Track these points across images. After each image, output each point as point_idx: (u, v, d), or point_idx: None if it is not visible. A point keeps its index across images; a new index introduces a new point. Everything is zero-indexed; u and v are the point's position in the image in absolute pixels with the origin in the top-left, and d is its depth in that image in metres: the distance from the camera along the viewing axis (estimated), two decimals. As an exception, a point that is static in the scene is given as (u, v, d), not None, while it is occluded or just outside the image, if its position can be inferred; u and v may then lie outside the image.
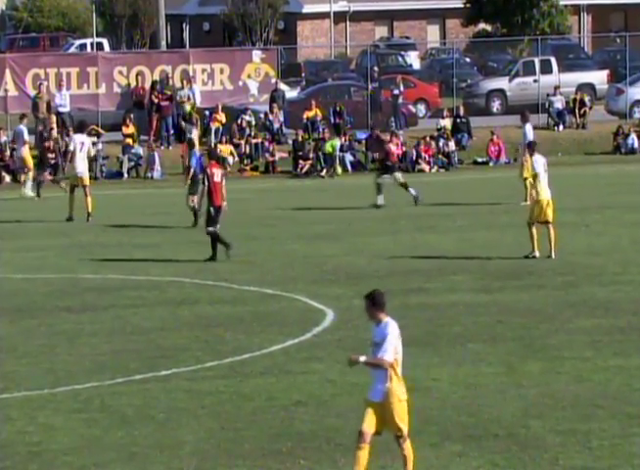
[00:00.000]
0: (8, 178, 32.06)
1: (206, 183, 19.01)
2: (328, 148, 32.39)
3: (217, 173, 19.21)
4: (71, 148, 24.56)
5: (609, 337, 13.74)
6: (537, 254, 18.42)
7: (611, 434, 10.35)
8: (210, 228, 19.00)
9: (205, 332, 14.42)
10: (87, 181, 23.98)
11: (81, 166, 24.00)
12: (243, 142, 33.80)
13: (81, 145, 24.29)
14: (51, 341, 14.19)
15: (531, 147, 19.72)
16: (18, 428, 10.94)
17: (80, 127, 26.05)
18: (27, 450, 10.34)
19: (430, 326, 14.45)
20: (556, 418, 10.79)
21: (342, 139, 33.72)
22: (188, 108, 34.15)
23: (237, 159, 33.51)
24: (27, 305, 16.29)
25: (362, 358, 8.87)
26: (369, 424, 8.86)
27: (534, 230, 18.45)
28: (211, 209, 19.06)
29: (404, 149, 33.60)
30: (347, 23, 54.87)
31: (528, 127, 25.59)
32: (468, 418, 10.85)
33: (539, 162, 18.93)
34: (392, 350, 8.88)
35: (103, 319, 15.25)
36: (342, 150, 33.63)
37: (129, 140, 33.36)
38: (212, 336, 14.21)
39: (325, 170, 32.23)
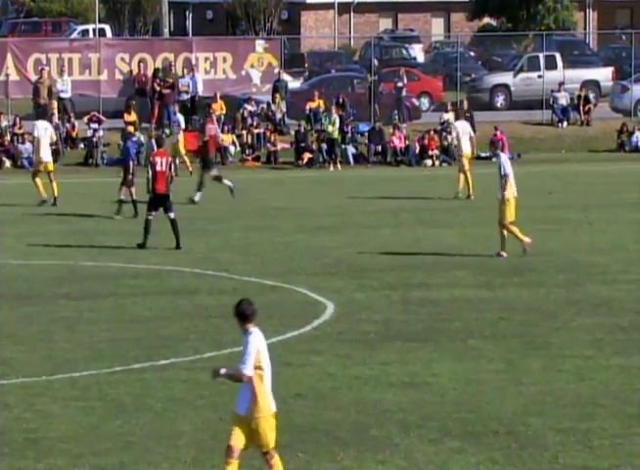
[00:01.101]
0: (8, 163, 31.98)
1: (150, 171, 19.18)
2: (329, 127, 32.06)
3: (161, 161, 19.27)
4: (35, 134, 24.58)
5: (610, 335, 13.68)
6: (505, 254, 18.20)
7: (611, 433, 10.31)
8: (152, 213, 19.11)
9: (204, 322, 14.36)
10: (51, 167, 24.20)
11: (45, 153, 24.19)
12: (245, 132, 33.72)
13: (44, 131, 24.35)
14: (49, 328, 14.13)
15: (498, 147, 19.58)
16: (15, 415, 10.89)
17: (43, 114, 26.11)
18: (24, 437, 10.29)
19: (430, 321, 14.39)
20: (556, 416, 10.74)
21: (345, 130, 33.60)
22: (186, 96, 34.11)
23: (238, 148, 33.43)
24: (26, 291, 16.23)
25: (222, 371, 8.46)
26: (237, 438, 8.43)
27: (513, 228, 18.19)
28: (152, 195, 19.24)
29: (407, 142, 33.53)
30: (352, 14, 54.75)
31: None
32: (468, 414, 10.80)
33: (508, 160, 18.75)
34: (252, 362, 8.38)
35: (102, 307, 15.19)
36: (344, 142, 33.53)
37: (131, 128, 33.25)
38: (212, 326, 14.15)
39: (331, 164, 32.05)
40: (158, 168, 19.16)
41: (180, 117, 30.38)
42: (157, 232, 19.50)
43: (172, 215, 19.14)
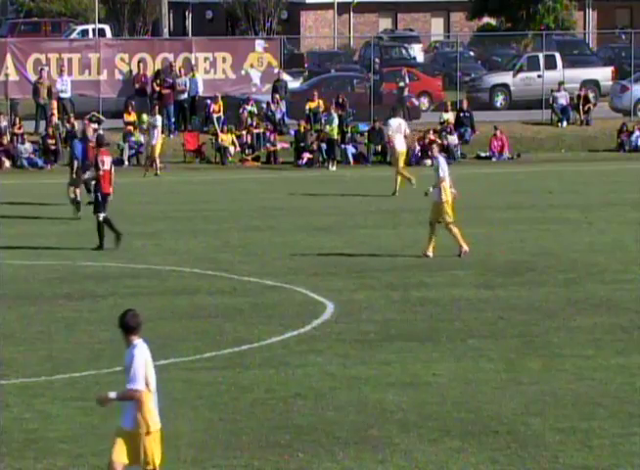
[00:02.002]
0: (8, 163, 31.98)
1: (95, 171, 19.27)
2: (328, 127, 32.07)
3: (107, 161, 19.32)
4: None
5: (610, 335, 13.68)
6: (462, 250, 18.01)
7: (611, 433, 10.30)
8: (101, 214, 19.14)
9: (204, 322, 14.36)
10: None
11: None
12: (244, 132, 33.72)
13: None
14: (49, 328, 14.13)
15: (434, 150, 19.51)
16: (14, 415, 10.89)
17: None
18: (24, 438, 10.29)
19: (430, 321, 14.39)
20: (556, 416, 10.74)
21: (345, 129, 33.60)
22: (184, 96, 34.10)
23: (238, 148, 33.43)
24: (26, 291, 16.22)
25: (112, 395, 8.19)
26: (118, 453, 8.07)
27: (455, 230, 18.05)
28: (99, 195, 19.28)
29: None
30: (351, 14, 54.74)
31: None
32: (467, 414, 10.79)
33: (445, 164, 18.51)
34: (142, 376, 8.14)
35: (102, 307, 15.18)
36: (343, 141, 33.53)
37: (130, 127, 33.26)
38: (211, 326, 14.15)
39: (330, 163, 32.04)
40: (105, 167, 19.15)
41: (158, 118, 30.21)
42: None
43: (102, 217, 19.06)
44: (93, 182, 20.04)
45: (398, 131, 26.52)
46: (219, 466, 9.62)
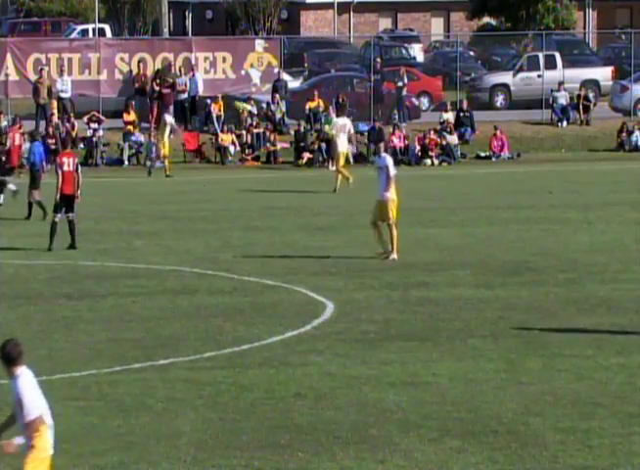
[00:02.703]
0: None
1: (58, 172, 19.24)
2: (327, 127, 32.11)
3: (68, 162, 19.29)
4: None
5: (610, 335, 13.67)
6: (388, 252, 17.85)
7: (611, 432, 10.30)
8: (56, 218, 19.13)
9: (204, 322, 14.36)
10: None
11: None
12: (244, 132, 33.72)
13: None
14: (49, 328, 14.13)
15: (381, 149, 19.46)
16: (14, 415, 10.87)
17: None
18: (24, 438, 10.27)
19: (430, 321, 14.38)
20: (556, 416, 10.73)
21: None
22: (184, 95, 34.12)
23: (238, 148, 33.43)
24: (26, 291, 16.22)
25: (18, 440, 7.72)
26: None
27: (394, 233, 17.96)
28: (57, 196, 19.28)
29: (407, 142, 33.52)
30: (351, 13, 54.74)
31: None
32: (467, 414, 10.79)
33: (392, 162, 18.50)
34: (34, 404, 7.74)
35: (101, 307, 15.18)
36: (343, 141, 33.49)
37: (130, 127, 33.27)
38: (211, 326, 14.14)
39: (330, 163, 32.07)
40: (65, 169, 19.13)
41: (170, 119, 30.31)
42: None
43: (72, 217, 19.04)
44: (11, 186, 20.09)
45: (342, 131, 26.80)
46: (219, 466, 9.62)
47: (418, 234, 20.93)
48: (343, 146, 26.84)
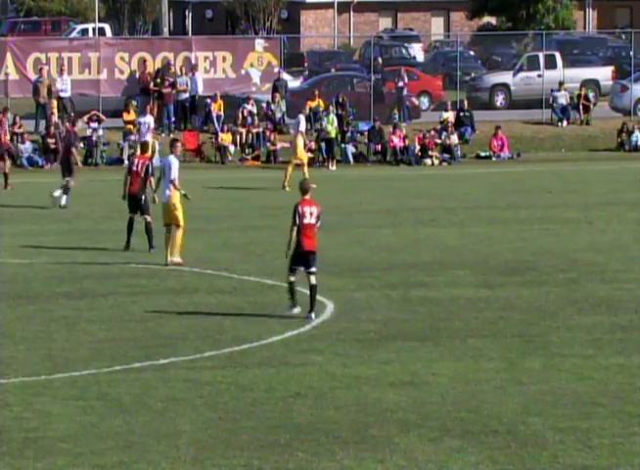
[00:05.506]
0: (8, 162, 31.95)
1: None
2: (328, 127, 32.10)
3: (137, 163, 19.37)
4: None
5: (610, 335, 13.68)
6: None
7: (611, 432, 10.30)
8: (135, 218, 19.17)
9: (204, 321, 14.36)
10: None
11: None
12: (244, 131, 33.71)
13: None
14: (49, 327, 14.12)
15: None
16: (14, 414, 10.88)
17: None
18: (24, 437, 10.28)
19: (430, 320, 14.38)
20: (556, 415, 10.73)
21: (345, 129, 33.61)
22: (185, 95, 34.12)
23: (238, 148, 33.42)
24: (26, 290, 16.22)
25: None
26: None
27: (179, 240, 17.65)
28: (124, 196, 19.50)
29: (407, 142, 33.51)
30: (351, 13, 54.75)
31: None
32: (467, 414, 10.79)
33: (177, 165, 17.92)
34: None
35: (101, 306, 15.18)
36: (343, 141, 33.52)
37: (130, 127, 33.25)
38: (211, 326, 14.15)
39: (330, 163, 32.06)
40: (133, 169, 19.04)
41: (149, 118, 30.17)
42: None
43: (148, 219, 18.81)
44: None
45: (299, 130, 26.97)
46: (219, 465, 9.62)
47: (418, 234, 20.92)
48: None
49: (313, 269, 14.30)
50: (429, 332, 13.79)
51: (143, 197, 19.26)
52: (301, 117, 27.67)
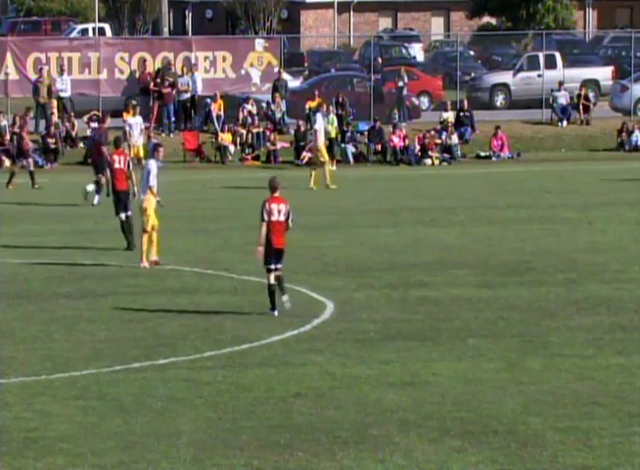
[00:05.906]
0: (8, 162, 31.97)
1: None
2: (328, 127, 32.13)
3: (119, 160, 19.29)
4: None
5: (610, 335, 13.68)
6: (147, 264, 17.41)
7: (611, 432, 10.30)
8: (122, 217, 19.10)
9: (204, 321, 14.36)
10: None
11: None
12: (244, 131, 33.72)
13: None
14: (49, 327, 14.13)
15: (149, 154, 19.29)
16: (14, 414, 10.88)
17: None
18: (24, 437, 10.28)
19: (430, 320, 14.39)
20: (556, 415, 10.73)
21: (345, 129, 33.63)
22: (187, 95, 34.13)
23: (238, 147, 33.43)
24: (26, 290, 16.22)
25: None
26: None
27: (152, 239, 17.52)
28: (112, 195, 19.50)
29: (407, 141, 33.53)
30: (351, 13, 54.76)
31: None
32: (467, 414, 10.79)
33: (156, 170, 17.91)
34: None
35: (101, 306, 15.18)
36: (343, 141, 33.53)
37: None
38: (211, 325, 14.15)
39: (330, 162, 32.07)
40: (116, 166, 18.94)
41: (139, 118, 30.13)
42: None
43: (130, 215, 18.88)
44: None
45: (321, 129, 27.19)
46: (219, 465, 9.62)
47: (418, 234, 20.93)
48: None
49: (279, 266, 14.32)
50: (428, 332, 13.79)
51: (131, 191, 19.27)
52: (319, 116, 27.71)
